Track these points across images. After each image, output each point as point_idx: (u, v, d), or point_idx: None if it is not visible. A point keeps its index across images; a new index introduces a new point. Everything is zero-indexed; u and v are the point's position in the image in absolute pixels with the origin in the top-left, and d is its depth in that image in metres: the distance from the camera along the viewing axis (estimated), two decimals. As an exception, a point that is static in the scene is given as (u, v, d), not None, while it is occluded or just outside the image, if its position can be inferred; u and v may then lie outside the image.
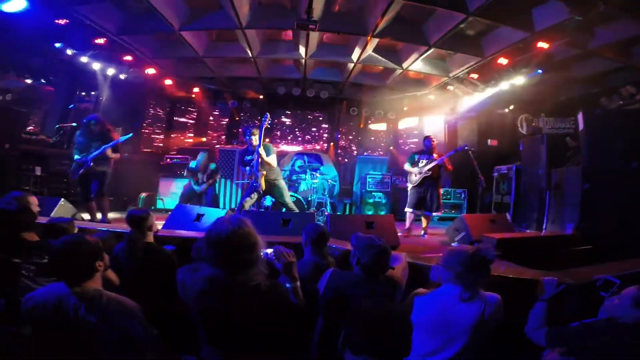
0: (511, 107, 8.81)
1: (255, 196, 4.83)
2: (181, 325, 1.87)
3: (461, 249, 1.88)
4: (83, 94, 7.74)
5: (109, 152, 4.78)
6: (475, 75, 7.46)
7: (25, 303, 1.63)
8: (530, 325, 1.91)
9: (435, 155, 5.42)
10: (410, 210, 5.47)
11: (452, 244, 4.26)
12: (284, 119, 10.51)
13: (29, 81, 7.03)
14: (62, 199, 4.42)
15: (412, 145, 10.18)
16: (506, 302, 1.86)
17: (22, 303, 1.63)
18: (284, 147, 10.15)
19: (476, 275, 1.81)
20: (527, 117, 8.67)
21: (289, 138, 10.54)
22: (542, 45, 5.72)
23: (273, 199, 5.08)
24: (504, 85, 7.23)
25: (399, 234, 4.62)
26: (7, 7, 4.96)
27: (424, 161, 5.42)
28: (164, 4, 5.66)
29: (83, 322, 1.56)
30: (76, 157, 4.77)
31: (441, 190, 5.72)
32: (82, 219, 4.61)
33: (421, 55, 6.88)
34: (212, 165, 6.22)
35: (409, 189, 5.59)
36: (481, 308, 1.76)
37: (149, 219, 2.67)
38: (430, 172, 5.35)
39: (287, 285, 1.75)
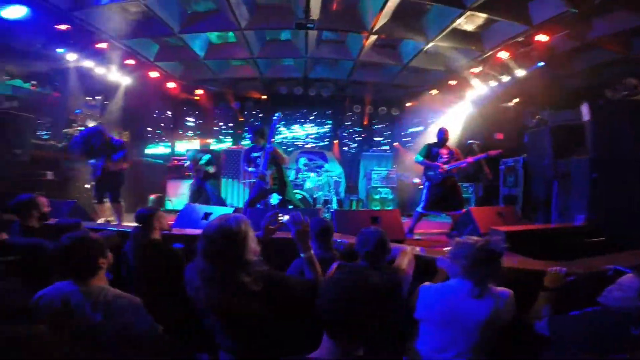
0: (515, 100, 8.73)
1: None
2: (191, 323, 1.88)
3: (468, 241, 1.80)
4: (89, 98, 7.81)
5: (109, 164, 4.91)
6: (476, 70, 7.41)
7: (37, 301, 1.62)
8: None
9: (454, 151, 5.10)
10: (423, 211, 5.03)
11: (460, 237, 4.23)
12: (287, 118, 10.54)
13: (34, 87, 7.09)
14: (75, 202, 4.51)
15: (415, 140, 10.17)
16: (515, 295, 1.81)
17: (34, 301, 1.62)
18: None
19: (485, 270, 1.73)
20: (532, 110, 8.58)
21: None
22: (541, 38, 5.70)
23: (280, 197, 5.12)
24: (507, 79, 7.18)
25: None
26: (7, 14, 5.04)
27: (445, 157, 4.99)
28: (162, 8, 5.73)
29: (89, 320, 1.56)
30: (91, 161, 5.02)
31: (460, 187, 5.28)
32: (95, 221, 4.68)
33: (421, 51, 6.86)
34: (206, 157, 6.22)
35: (425, 186, 5.13)
36: (493, 305, 1.69)
37: (156, 216, 2.62)
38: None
39: (301, 254, 1.77)
